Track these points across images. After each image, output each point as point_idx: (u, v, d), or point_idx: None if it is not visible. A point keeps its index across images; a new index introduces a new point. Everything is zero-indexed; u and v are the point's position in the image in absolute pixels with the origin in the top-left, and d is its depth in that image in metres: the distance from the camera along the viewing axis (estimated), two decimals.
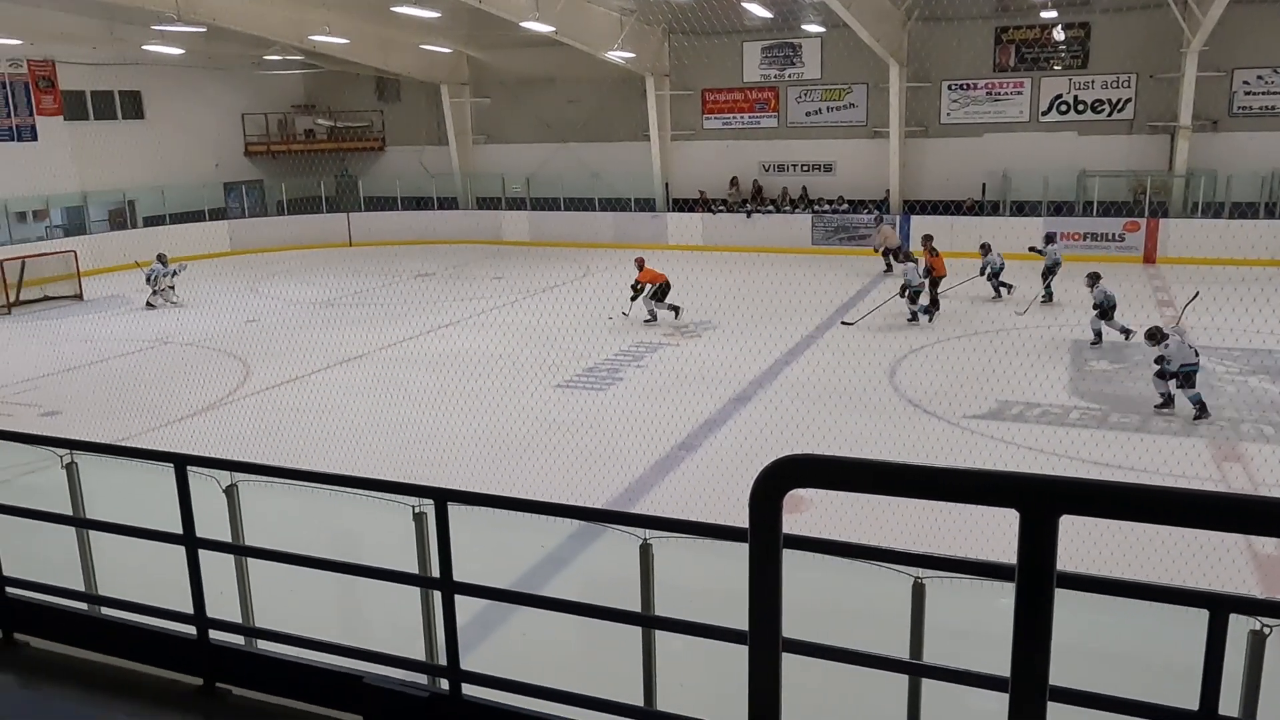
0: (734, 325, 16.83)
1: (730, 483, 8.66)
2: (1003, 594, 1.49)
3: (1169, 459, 9.98)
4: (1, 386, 14.60)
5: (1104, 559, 6.44)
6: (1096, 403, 12.35)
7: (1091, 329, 15.07)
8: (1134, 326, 14.33)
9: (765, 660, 1.36)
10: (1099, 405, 12.25)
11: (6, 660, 4.57)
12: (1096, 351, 14.77)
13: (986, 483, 1.20)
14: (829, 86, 26.55)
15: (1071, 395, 12.69)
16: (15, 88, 24.91)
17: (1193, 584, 5.60)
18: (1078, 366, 14.10)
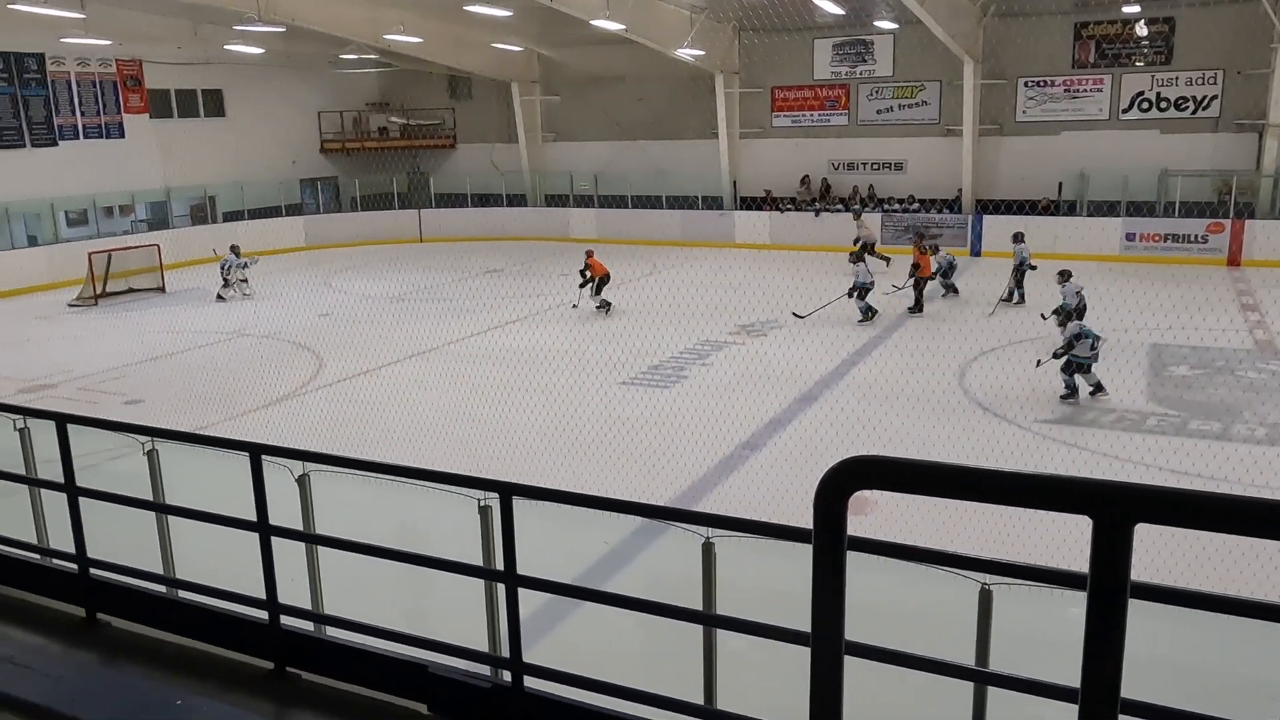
0: (800, 324, 16.70)
1: (794, 483, 8.60)
2: (1073, 603, 1.46)
3: (1251, 469, 9.64)
4: (88, 375, 15.14)
5: (1180, 570, 6.26)
6: (1175, 409, 11.99)
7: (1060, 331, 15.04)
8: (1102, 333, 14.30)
9: (827, 663, 1.35)
10: (1178, 412, 11.89)
11: (89, 639, 4.74)
12: (1172, 356, 14.33)
13: (1058, 488, 1.17)
14: (901, 84, 26.18)
15: (1149, 401, 12.34)
16: (104, 87, 25.80)
17: (1275, 598, 5.41)
18: (1156, 371, 13.70)
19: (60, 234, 24.65)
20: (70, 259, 22.43)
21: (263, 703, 4.11)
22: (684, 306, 17.87)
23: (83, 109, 25.31)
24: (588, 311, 18.46)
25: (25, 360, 16.10)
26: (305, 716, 4.04)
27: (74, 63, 24.89)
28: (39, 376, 15.01)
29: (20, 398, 12.79)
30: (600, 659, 4.19)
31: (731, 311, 17.60)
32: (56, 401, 13.17)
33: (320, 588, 4.47)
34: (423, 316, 18.84)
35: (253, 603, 4.44)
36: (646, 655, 5.15)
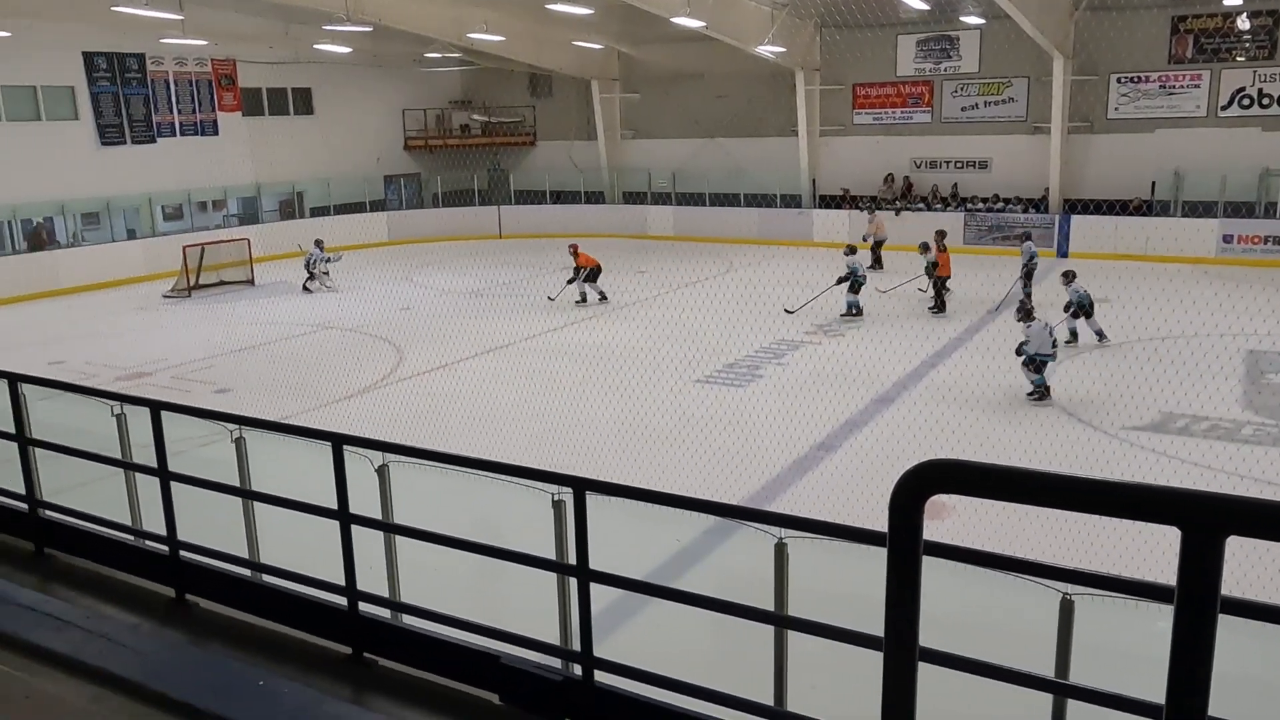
0: (878, 324, 16.47)
1: (870, 485, 8.50)
2: (1160, 616, 1.41)
3: None
4: (180, 364, 15.70)
5: (1274, 586, 6.01)
6: (1273, 418, 11.51)
7: (1066, 328, 14.90)
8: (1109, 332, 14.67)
9: (901, 668, 1.33)
10: (1276, 421, 11.41)
11: (178, 618, 4.92)
12: (1270, 363, 13.76)
13: (1146, 498, 1.14)
14: (987, 80, 25.61)
15: (1245, 409, 11.87)
16: (200, 86, 26.69)
17: None
18: (1253, 379, 13.17)
19: (157, 228, 25.59)
20: (166, 252, 23.27)
21: (341, 686, 4.21)
22: (760, 305, 17.77)
23: (180, 107, 26.22)
24: (592, 304, 19.31)
25: (123, 349, 16.75)
26: (381, 701, 4.13)
27: (172, 63, 25.81)
28: (136, 365, 15.61)
29: (118, 385, 13.32)
30: (670, 656, 4.19)
31: (808, 310, 17.44)
32: (151, 389, 13.66)
33: (397, 576, 4.56)
34: (500, 312, 19.08)
35: (332, 588, 4.55)
36: (716, 654, 5.14)
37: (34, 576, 5.34)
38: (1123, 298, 17.10)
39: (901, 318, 16.35)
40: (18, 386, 5.73)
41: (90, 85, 24.20)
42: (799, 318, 17.25)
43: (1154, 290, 17.83)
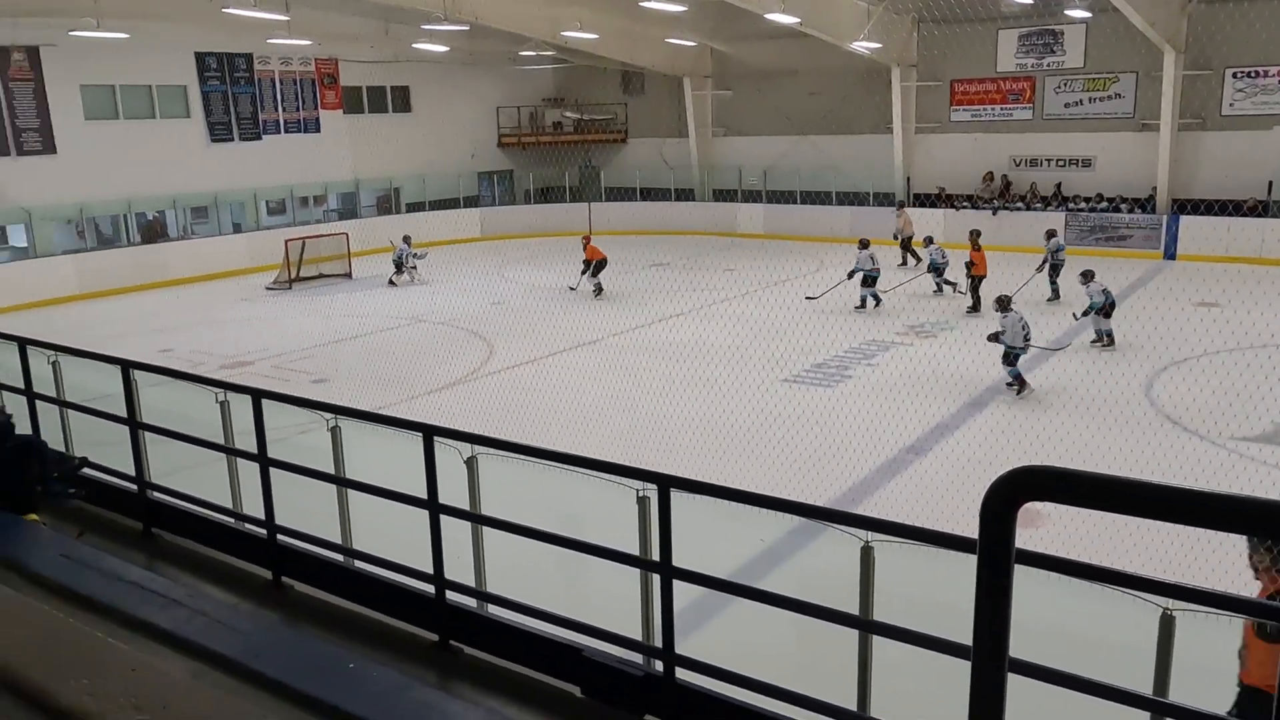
0: (972, 326, 16.09)
1: (960, 491, 8.31)
2: None
3: None
4: (281, 354, 16.23)
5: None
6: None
7: (1094, 330, 14.93)
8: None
9: (989, 679, 1.29)
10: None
11: (275, 598, 5.08)
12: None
13: (1257, 511, 1.08)
14: (1093, 76, 24.75)
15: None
16: (304, 84, 27.55)
17: None
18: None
19: (261, 222, 26.49)
20: (269, 245, 24.07)
21: (427, 672, 4.30)
22: (851, 304, 17.52)
23: (284, 105, 27.09)
24: (607, 293, 20.07)
25: (227, 339, 17.39)
26: (466, 689, 4.20)
27: (278, 62, 26.68)
28: (239, 354, 16.20)
29: (222, 373, 13.84)
30: (751, 657, 4.17)
31: (900, 311, 17.14)
32: (253, 378, 14.14)
33: (483, 566, 4.64)
34: (589, 308, 19.21)
35: (420, 576, 4.65)
36: (798, 657, 5.10)
37: (142, 555, 5.59)
38: (1234, 302, 16.36)
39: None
40: (130, 373, 6.00)
41: (201, 84, 25.20)
42: (889, 317, 16.95)
43: (1268, 295, 17.02)
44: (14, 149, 21.69)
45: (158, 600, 3.97)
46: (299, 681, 3.33)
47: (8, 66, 21.49)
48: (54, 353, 6.72)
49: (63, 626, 2.66)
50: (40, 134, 22.11)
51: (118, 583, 4.19)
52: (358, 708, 3.25)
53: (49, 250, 22.36)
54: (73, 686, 2.02)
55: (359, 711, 3.22)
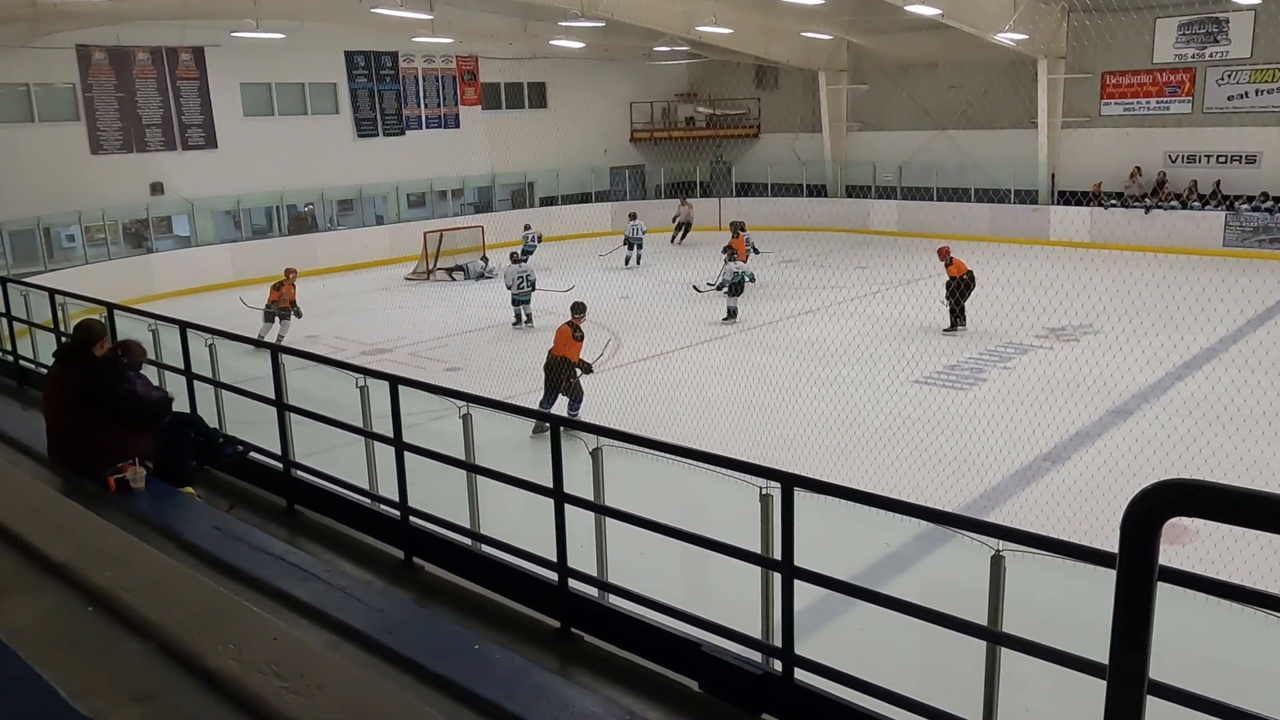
0: (1119, 331, 15.30)
1: (1099, 503, 7.95)
2: None
3: None
4: (417, 343, 16.80)
5: None
6: None
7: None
8: None
9: (1126, 700, 1.24)
10: None
11: (406, 577, 5.27)
12: None
13: None
14: (1261, 67, 23.18)
15: None
16: (445, 81, 28.40)
17: None
18: None
19: (401, 215, 27.46)
20: (408, 237, 24.95)
21: (548, 658, 4.39)
22: (987, 305, 16.94)
23: (426, 101, 28.00)
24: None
25: (368, 326, 18.11)
26: (585, 676, 4.26)
27: (421, 60, 27.60)
28: (378, 341, 16.85)
29: (362, 359, 14.40)
30: (872, 662, 4.09)
31: (1040, 313, 16.47)
32: (391, 365, 14.69)
33: (606, 556, 4.69)
34: (716, 303, 19.17)
35: (544, 563, 4.74)
36: (921, 665, 4.98)
37: (285, 530, 5.88)
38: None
39: (1142, 324, 15.15)
40: (278, 357, 6.32)
41: (350, 82, 26.29)
42: (1028, 319, 16.31)
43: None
44: (179, 144, 23.13)
45: (298, 574, 4.17)
46: (426, 659, 3.45)
47: (176, 66, 22.91)
48: (211, 336, 7.13)
49: (213, 594, 2.84)
50: (203, 129, 23.51)
51: (262, 555, 4.43)
52: (481, 688, 3.34)
53: (208, 239, 23.74)
54: (220, 650, 2.16)
55: (482, 692, 3.31)
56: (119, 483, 5.13)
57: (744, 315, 17.92)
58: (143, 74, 22.44)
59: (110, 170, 21.95)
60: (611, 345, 15.62)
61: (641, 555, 4.83)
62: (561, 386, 11.65)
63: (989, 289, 17.28)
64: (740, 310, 18.23)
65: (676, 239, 28.37)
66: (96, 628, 2.33)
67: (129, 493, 5.11)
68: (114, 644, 2.26)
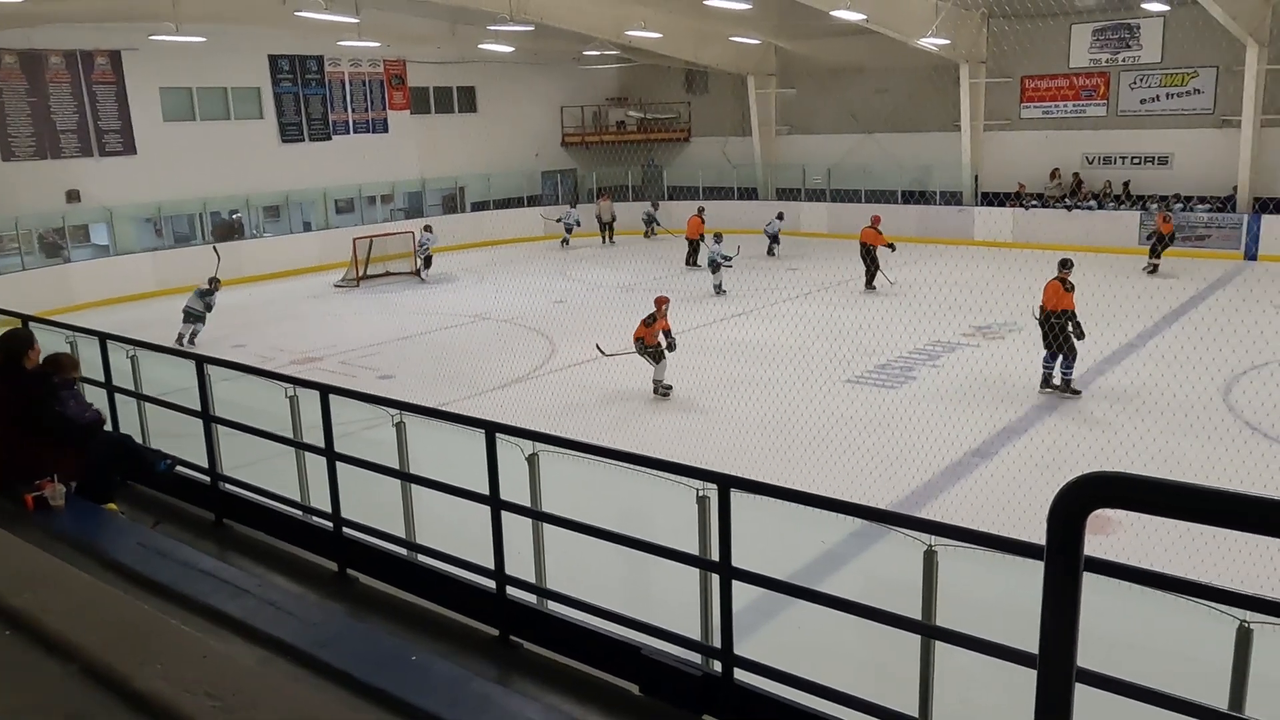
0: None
1: (1027, 496, 8.15)
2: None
3: None
4: (349, 350, 16.54)
5: None
6: None
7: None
8: None
9: (1055, 688, 1.27)
10: None
11: (341, 590, 5.18)
12: None
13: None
14: (1171, 71, 24.04)
15: None
16: (372, 85, 28.03)
17: None
18: None
19: (330, 220, 27.02)
20: (337, 244, 24.55)
21: (488, 666, 4.35)
22: (915, 305, 17.28)
23: (353, 106, 27.60)
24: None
25: (297, 335, 17.78)
26: (526, 684, 4.24)
27: (347, 64, 27.20)
28: (308, 350, 16.55)
29: (291, 369, 14.14)
30: (810, 660, 4.14)
31: (967, 312, 16.84)
32: (321, 374, 14.42)
33: (544, 562, 4.67)
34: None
35: (482, 571, 4.70)
36: (858, 661, 5.05)
37: (214, 544, 5.74)
38: None
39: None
40: (204, 368, 6.17)
41: (274, 86, 25.79)
42: (954, 318, 16.66)
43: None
44: (96, 150, 22.45)
45: (228, 589, 4.08)
46: (363, 672, 3.40)
47: (92, 70, 22.23)
48: (132, 347, 6.93)
49: (139, 613, 2.75)
50: (121, 135, 22.84)
51: (191, 571, 4.31)
52: (419, 699, 3.30)
53: (128, 248, 23.07)
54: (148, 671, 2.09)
55: (421, 703, 3.27)
56: (37, 500, 4.96)
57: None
58: (56, 78, 21.73)
59: (23, 177, 21.20)
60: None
61: (580, 560, 4.81)
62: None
63: (917, 289, 17.61)
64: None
65: (605, 240, 28.51)
66: (16, 652, 2.25)
67: (48, 511, 4.94)
68: (35, 668, 2.18)
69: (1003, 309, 16.62)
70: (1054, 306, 12.55)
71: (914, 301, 17.23)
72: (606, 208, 29.04)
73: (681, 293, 20.11)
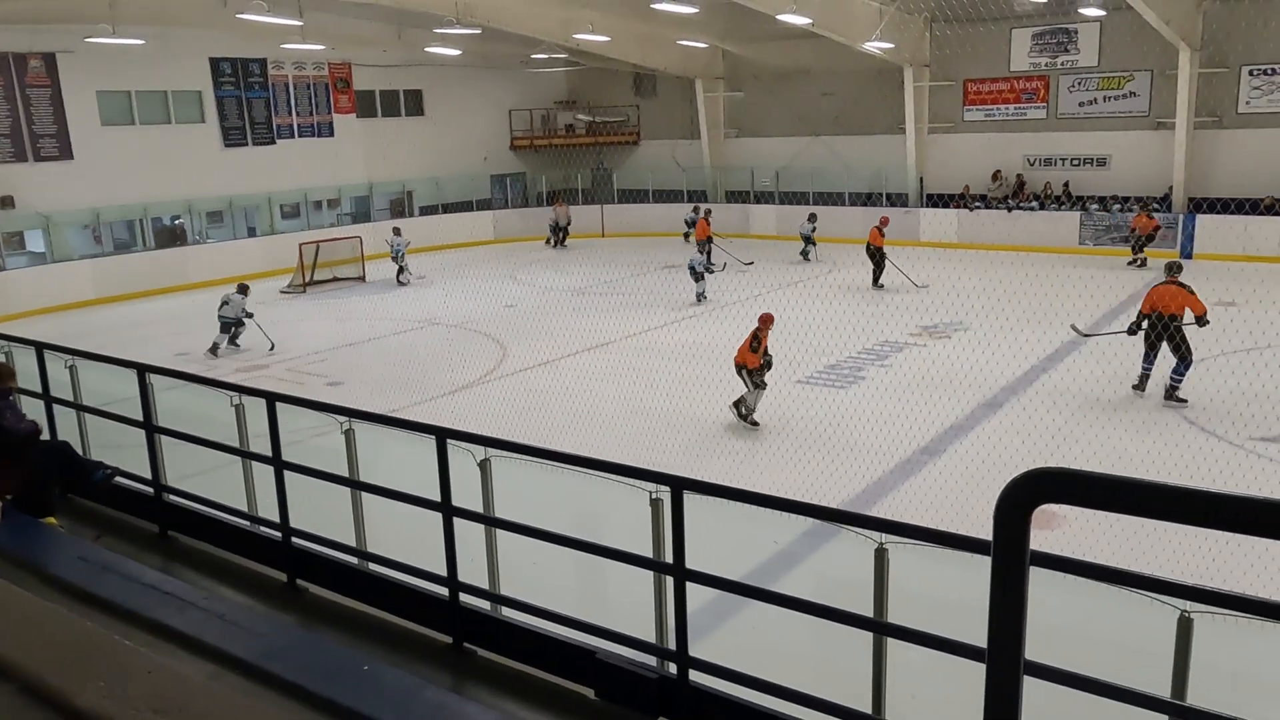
0: (987, 327, 16.00)
1: (975, 493, 8.28)
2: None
3: None
4: (296, 357, 16.30)
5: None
6: None
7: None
8: None
9: (1004, 681, 1.29)
10: None
11: (289, 601, 5.10)
12: None
13: (1273, 513, 1.08)
14: (1107, 74, 24.62)
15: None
16: (317, 89, 27.67)
17: None
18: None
19: (276, 226, 26.61)
20: (283, 249, 24.19)
21: (442, 674, 4.31)
22: (863, 306, 17.48)
23: (298, 110, 27.22)
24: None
25: (243, 342, 17.46)
26: (480, 691, 4.21)
27: (291, 67, 26.82)
28: (254, 357, 16.27)
29: (237, 376, 13.90)
30: (766, 659, 4.16)
31: (914, 312, 17.08)
32: (268, 381, 14.22)
33: (497, 569, 4.64)
34: (602, 310, 19.22)
35: (434, 579, 4.66)
36: (813, 659, 5.09)
37: (158, 557, 5.62)
38: (1251, 301, 16.26)
39: (1008, 320, 15.86)
40: (145, 376, 6.04)
41: (216, 89, 25.33)
42: (902, 318, 16.88)
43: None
44: (31, 155, 21.87)
45: (174, 603, 3.99)
46: (314, 683, 3.35)
47: (25, 73, 21.66)
48: (71, 357, 6.77)
49: (80, 629, 2.68)
50: (57, 140, 22.28)
51: (135, 585, 4.21)
52: (372, 709, 3.26)
53: (66, 255, 22.51)
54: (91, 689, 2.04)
55: (374, 713, 3.23)
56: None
57: (630, 322, 18.01)
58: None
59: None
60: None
61: (534, 565, 4.79)
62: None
63: (865, 290, 17.81)
64: (627, 317, 18.33)
65: (551, 242, 28.51)
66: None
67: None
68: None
69: (949, 309, 16.89)
70: (1178, 309, 12.24)
71: (863, 302, 17.43)
72: (563, 212, 28.99)
73: (638, 297, 20.15)
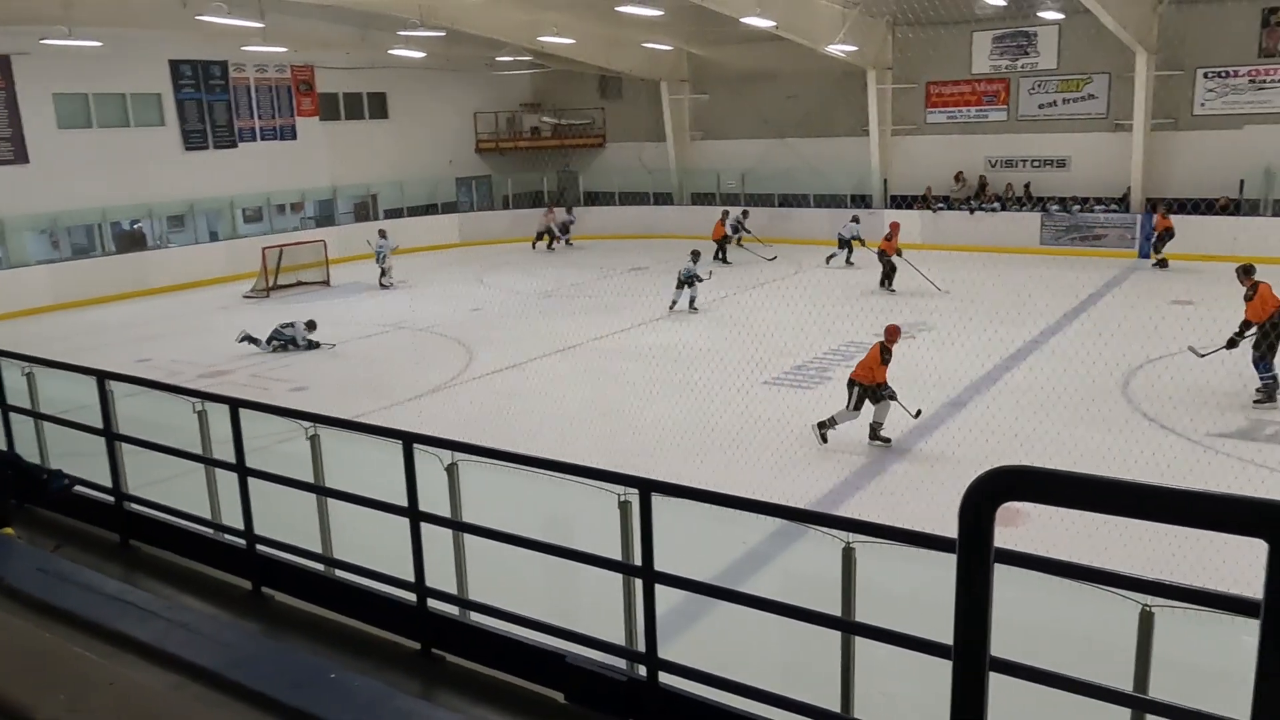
0: (951, 327, 16.17)
1: (940, 491, 8.35)
2: (1246, 630, 1.36)
3: None
4: (259, 362, 16.12)
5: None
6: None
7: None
8: None
9: (970, 678, 1.30)
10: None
11: (254, 608, 5.04)
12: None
13: (1231, 508, 1.09)
14: (1066, 77, 24.97)
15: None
16: (279, 91, 27.39)
17: None
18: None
19: (238, 230, 26.30)
20: (246, 253, 23.91)
21: (411, 681, 4.28)
22: (829, 307, 17.57)
23: (260, 112, 26.93)
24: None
25: (206, 347, 17.25)
26: (450, 697, 4.18)
27: (253, 69, 26.53)
28: (217, 363, 16.07)
29: (200, 382, 13.71)
30: (735, 660, 4.17)
31: (880, 312, 17.18)
32: (231, 387, 14.05)
33: (465, 574, 4.62)
34: (569, 313, 19.19)
35: (402, 585, 4.63)
36: (782, 659, 5.11)
37: (119, 567, 5.54)
38: (1207, 300, 16.55)
39: (971, 320, 16.04)
40: (105, 383, 5.94)
41: (176, 92, 24.99)
42: (867, 318, 16.99)
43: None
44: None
45: (136, 613, 3.92)
46: (280, 692, 3.30)
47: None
48: (28, 364, 6.65)
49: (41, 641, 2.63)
50: (12, 143, 21.88)
51: (95, 596, 4.14)
52: (340, 718, 3.22)
53: (23, 260, 22.09)
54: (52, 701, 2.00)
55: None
56: None
57: (596, 324, 17.99)
58: None
59: None
60: None
61: (503, 570, 4.77)
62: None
63: (830, 291, 17.92)
64: (594, 320, 18.31)
65: (537, 246, 28.25)
66: None
67: None
68: None
69: (914, 309, 17.05)
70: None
71: (829, 303, 17.52)
72: (553, 217, 28.67)
73: (605, 300, 20.13)
